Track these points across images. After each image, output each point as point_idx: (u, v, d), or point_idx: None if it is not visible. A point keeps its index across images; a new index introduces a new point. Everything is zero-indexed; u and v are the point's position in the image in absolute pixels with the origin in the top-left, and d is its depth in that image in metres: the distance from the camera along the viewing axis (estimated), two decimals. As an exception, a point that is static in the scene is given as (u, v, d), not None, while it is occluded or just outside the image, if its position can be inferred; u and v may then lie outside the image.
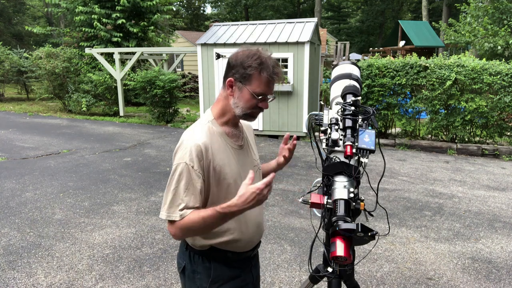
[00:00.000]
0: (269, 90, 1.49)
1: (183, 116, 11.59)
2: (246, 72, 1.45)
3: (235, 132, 1.59)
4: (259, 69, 1.45)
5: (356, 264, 3.36)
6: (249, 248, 1.64)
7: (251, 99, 1.47)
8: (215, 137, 1.51)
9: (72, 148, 7.66)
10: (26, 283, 3.09)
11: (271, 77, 1.47)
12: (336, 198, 1.40)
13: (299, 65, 8.57)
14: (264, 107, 1.51)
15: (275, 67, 1.48)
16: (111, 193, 5.16)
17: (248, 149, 1.66)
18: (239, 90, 1.48)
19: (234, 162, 1.54)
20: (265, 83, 1.47)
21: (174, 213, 1.42)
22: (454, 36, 14.55)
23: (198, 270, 1.59)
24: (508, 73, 7.48)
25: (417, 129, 8.71)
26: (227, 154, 1.52)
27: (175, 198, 1.42)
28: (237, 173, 1.54)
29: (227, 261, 1.58)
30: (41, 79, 12.89)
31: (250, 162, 1.64)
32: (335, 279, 1.47)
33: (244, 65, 1.45)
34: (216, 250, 1.56)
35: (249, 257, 1.67)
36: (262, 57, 1.46)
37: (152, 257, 3.52)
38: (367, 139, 1.44)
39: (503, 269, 3.43)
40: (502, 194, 5.41)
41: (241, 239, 1.57)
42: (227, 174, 1.50)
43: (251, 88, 1.46)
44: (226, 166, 1.50)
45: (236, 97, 1.49)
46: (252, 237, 1.62)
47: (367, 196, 4.83)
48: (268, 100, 1.52)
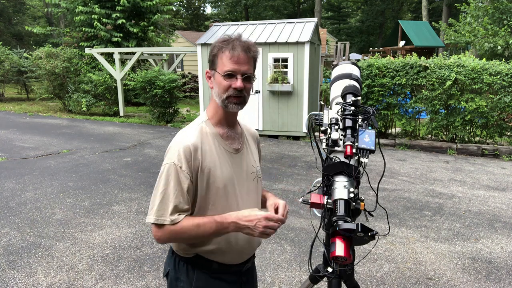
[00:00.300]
0: (237, 67, 1.39)
1: (183, 116, 11.59)
2: (213, 54, 1.44)
3: (231, 134, 1.52)
4: (221, 47, 1.41)
5: (356, 264, 3.36)
6: (238, 261, 1.54)
7: (221, 81, 1.41)
8: (207, 138, 1.46)
9: (72, 148, 7.66)
10: (26, 283, 3.09)
11: (235, 52, 1.39)
12: (336, 198, 1.40)
13: (299, 65, 8.57)
14: (236, 86, 1.39)
15: (242, 42, 1.41)
16: (111, 193, 5.16)
17: (247, 155, 1.57)
18: (213, 78, 1.45)
19: (226, 165, 1.47)
20: (229, 58, 1.39)
21: (163, 216, 1.37)
22: (454, 36, 14.55)
23: (181, 278, 1.52)
24: (508, 73, 7.48)
25: (417, 129, 8.71)
26: (218, 157, 1.45)
27: (164, 201, 1.37)
28: (228, 178, 1.46)
29: (212, 272, 1.50)
30: (41, 79, 12.90)
31: (247, 169, 1.55)
32: (335, 279, 1.47)
33: (211, 52, 1.45)
34: (201, 259, 1.49)
35: (239, 272, 1.57)
36: (227, 38, 1.42)
37: (152, 257, 3.52)
38: (367, 139, 1.44)
39: (503, 269, 3.43)
40: (502, 194, 5.41)
41: (228, 251, 1.49)
42: (217, 177, 1.43)
43: (219, 69, 1.42)
44: (216, 169, 1.43)
45: (214, 86, 1.45)
46: (241, 251, 1.53)
47: (367, 196, 4.83)
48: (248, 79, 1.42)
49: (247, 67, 1.41)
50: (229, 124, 1.52)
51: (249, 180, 1.55)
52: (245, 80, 1.42)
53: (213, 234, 1.40)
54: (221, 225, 1.38)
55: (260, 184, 1.62)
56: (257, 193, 1.59)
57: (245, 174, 1.54)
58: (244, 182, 1.53)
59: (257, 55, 1.46)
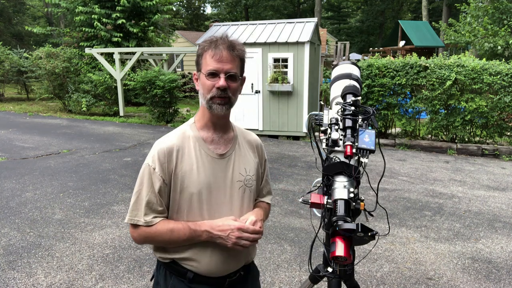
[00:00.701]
0: (219, 66, 1.35)
1: (183, 116, 11.59)
2: (197, 56, 1.43)
3: (216, 138, 1.47)
4: (204, 47, 1.39)
5: (356, 264, 3.36)
6: (216, 274, 1.44)
7: (205, 81, 1.37)
8: (187, 141, 1.43)
9: (72, 148, 7.66)
10: (26, 283, 3.09)
11: (217, 50, 1.35)
12: (336, 198, 1.40)
13: (299, 65, 8.57)
14: (218, 85, 1.35)
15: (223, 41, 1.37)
16: (111, 193, 5.16)
17: (235, 162, 1.49)
18: (199, 79, 1.43)
19: (204, 170, 1.41)
20: (212, 58, 1.36)
21: (136, 216, 1.38)
22: (454, 36, 14.54)
23: (160, 283, 1.50)
24: (508, 73, 7.48)
25: (417, 129, 8.71)
26: (197, 161, 1.41)
27: (137, 201, 1.38)
28: (204, 183, 1.41)
29: (189, 282, 1.43)
30: (41, 79, 12.90)
31: (233, 176, 1.47)
32: (335, 279, 1.46)
33: (197, 54, 1.44)
34: (177, 265, 1.45)
35: (221, 285, 1.47)
36: (212, 38, 1.39)
37: (152, 257, 3.52)
38: (367, 139, 1.44)
39: (503, 269, 3.43)
40: (502, 194, 5.41)
41: (203, 261, 1.42)
42: (191, 182, 1.39)
43: (203, 69, 1.39)
44: (192, 173, 1.39)
45: (200, 88, 1.43)
46: (217, 262, 1.43)
47: (367, 196, 4.83)
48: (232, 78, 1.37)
49: (230, 66, 1.36)
50: (216, 128, 1.47)
51: (232, 188, 1.47)
52: (229, 79, 1.37)
53: (186, 240, 1.38)
54: (194, 233, 1.37)
55: (248, 194, 1.52)
56: (242, 203, 1.49)
57: (229, 181, 1.46)
58: (226, 189, 1.46)
59: (243, 53, 1.42)
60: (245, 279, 1.56)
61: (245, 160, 1.53)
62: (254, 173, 1.55)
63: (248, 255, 1.55)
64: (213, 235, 1.37)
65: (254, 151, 1.59)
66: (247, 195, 1.51)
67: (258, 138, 1.65)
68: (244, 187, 1.50)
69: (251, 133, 1.64)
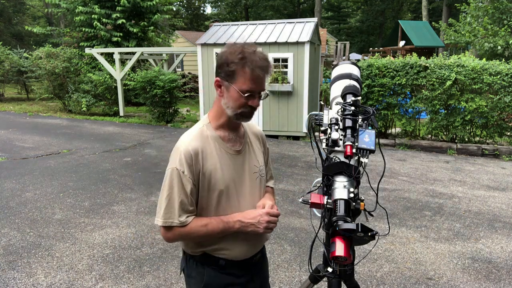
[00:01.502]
0: (256, 87, 1.41)
1: (183, 116, 11.59)
2: (229, 69, 1.40)
3: (232, 136, 1.54)
4: (241, 64, 1.38)
5: (356, 264, 3.35)
6: (244, 257, 1.57)
7: (238, 97, 1.41)
8: (207, 141, 1.48)
9: (72, 148, 7.66)
10: (26, 283, 3.10)
11: (255, 72, 1.38)
12: (336, 198, 1.40)
13: (299, 65, 8.57)
14: (254, 105, 1.43)
15: (261, 61, 1.40)
16: (111, 193, 5.16)
17: (249, 155, 1.59)
18: (226, 90, 1.43)
19: (227, 167, 1.50)
20: (250, 79, 1.39)
21: (170, 218, 1.43)
22: (454, 36, 14.54)
23: (192, 275, 1.58)
24: (508, 73, 7.48)
25: (417, 129, 8.71)
26: (219, 159, 1.48)
27: (170, 204, 1.43)
28: (230, 179, 1.50)
29: (221, 268, 1.54)
30: (41, 79, 12.90)
31: (249, 169, 1.58)
32: (335, 279, 1.46)
33: (228, 61, 1.40)
34: (209, 256, 1.54)
35: (249, 264, 1.60)
36: (245, 52, 1.39)
37: (152, 257, 3.52)
38: (367, 139, 1.44)
39: (503, 269, 3.43)
40: (502, 194, 5.41)
41: (234, 247, 1.53)
42: (218, 180, 1.47)
43: (236, 85, 1.40)
44: (217, 172, 1.47)
45: (225, 97, 1.44)
46: (247, 247, 1.57)
47: (367, 196, 4.83)
48: (260, 97, 1.46)
49: (264, 85, 1.44)
50: (231, 128, 1.54)
51: (252, 180, 1.58)
52: (259, 97, 1.46)
53: (220, 233, 1.47)
54: (227, 224, 1.46)
55: (263, 183, 1.65)
56: (260, 192, 1.62)
57: (247, 174, 1.56)
58: (246, 183, 1.56)
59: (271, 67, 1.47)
60: (262, 258, 1.71)
61: (256, 152, 1.64)
62: (263, 162, 1.68)
63: (266, 236, 1.68)
64: (245, 224, 1.47)
65: (260, 142, 1.69)
66: (262, 184, 1.64)
67: (260, 129, 1.75)
68: (259, 177, 1.61)
69: (254, 125, 1.72)
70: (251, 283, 1.62)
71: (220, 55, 1.45)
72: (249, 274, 1.61)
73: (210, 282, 1.54)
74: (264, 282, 1.74)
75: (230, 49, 1.42)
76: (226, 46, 1.46)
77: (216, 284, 1.55)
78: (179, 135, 1.57)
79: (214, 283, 1.55)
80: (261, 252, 1.68)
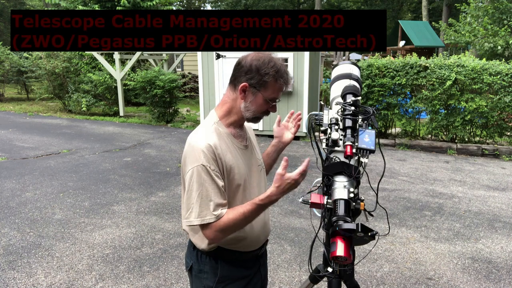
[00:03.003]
0: (279, 96, 1.54)
1: (183, 116, 11.58)
2: (263, 79, 1.47)
3: (240, 133, 1.61)
4: (276, 77, 1.48)
5: (356, 264, 3.35)
6: (256, 246, 1.64)
7: (264, 104, 1.51)
8: (222, 138, 1.52)
9: (72, 148, 7.66)
10: (26, 283, 3.09)
11: (284, 85, 1.51)
12: (336, 198, 1.40)
13: (299, 65, 8.57)
14: (273, 111, 1.56)
15: (286, 74, 1.52)
16: (111, 193, 5.16)
17: (252, 149, 1.67)
18: (252, 95, 1.50)
19: (242, 162, 1.56)
20: (279, 89, 1.51)
21: (207, 216, 1.41)
22: (454, 36, 14.54)
23: (205, 270, 1.60)
24: (508, 73, 7.47)
25: (417, 129, 8.71)
26: (234, 155, 1.53)
27: (203, 201, 1.41)
28: (245, 173, 1.56)
29: (235, 261, 1.60)
30: (41, 79, 12.89)
31: (255, 162, 1.65)
32: (335, 279, 1.47)
33: (261, 72, 1.47)
34: (223, 250, 1.57)
35: (257, 256, 1.68)
36: (277, 64, 1.49)
37: (152, 257, 3.52)
38: (367, 139, 1.44)
39: (503, 269, 3.43)
40: (502, 194, 5.41)
41: (247, 237, 1.58)
42: (236, 175, 1.51)
43: (265, 94, 1.49)
44: (234, 167, 1.51)
45: (249, 102, 1.51)
46: (259, 236, 1.63)
47: (367, 196, 4.83)
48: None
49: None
50: (239, 125, 1.61)
51: (257, 172, 1.65)
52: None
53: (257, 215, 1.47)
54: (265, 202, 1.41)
55: (264, 173, 1.74)
56: (264, 183, 1.70)
57: (255, 167, 1.64)
58: (255, 175, 1.63)
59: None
60: (265, 250, 1.78)
61: (255, 145, 1.72)
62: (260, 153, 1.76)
63: (270, 225, 1.76)
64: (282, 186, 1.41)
65: (253, 134, 1.77)
66: (264, 174, 1.74)
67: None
68: (262, 168, 1.71)
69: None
70: (258, 274, 1.70)
71: (249, 61, 1.49)
72: (256, 266, 1.69)
73: (225, 275, 1.59)
74: (266, 276, 1.81)
75: (262, 59, 1.48)
76: (252, 54, 1.52)
77: (229, 277, 1.59)
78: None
79: (228, 276, 1.59)
80: (265, 244, 1.75)
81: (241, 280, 1.61)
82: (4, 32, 26.68)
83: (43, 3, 28.66)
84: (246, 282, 1.63)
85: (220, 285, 1.58)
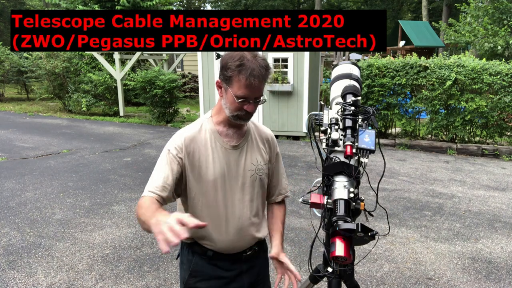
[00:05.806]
0: (250, 94, 1.43)
1: (183, 116, 11.59)
2: (227, 74, 1.44)
3: (231, 132, 1.57)
4: (237, 71, 1.40)
5: (356, 264, 3.35)
6: (231, 251, 1.59)
7: (233, 101, 1.45)
8: (204, 133, 1.55)
9: (72, 148, 7.66)
10: (26, 283, 3.09)
11: (250, 80, 1.40)
12: (336, 198, 1.40)
13: (299, 65, 8.57)
14: (249, 110, 1.46)
15: (258, 69, 1.40)
16: (111, 193, 5.16)
17: (248, 153, 1.60)
18: (225, 92, 1.49)
19: (219, 160, 1.54)
20: (244, 86, 1.41)
21: (145, 191, 1.47)
22: (454, 36, 14.53)
23: (184, 261, 1.64)
24: (508, 73, 7.47)
25: (417, 129, 8.71)
26: (212, 152, 1.53)
27: (150, 180, 1.49)
28: (220, 172, 1.53)
29: (209, 259, 1.59)
30: (41, 79, 12.89)
31: (245, 166, 1.59)
32: (335, 279, 1.47)
33: (226, 66, 1.44)
34: (195, 244, 1.59)
35: (239, 260, 1.62)
36: (244, 58, 1.41)
37: (152, 257, 3.52)
38: (367, 139, 1.44)
39: (503, 269, 3.43)
40: (502, 194, 5.41)
41: (219, 241, 1.56)
42: (208, 170, 1.52)
43: (232, 90, 1.44)
44: (209, 163, 1.52)
45: (224, 98, 1.50)
46: (232, 241, 1.57)
47: (367, 196, 4.83)
48: (258, 103, 1.48)
49: (260, 92, 1.46)
50: (232, 125, 1.57)
51: (245, 177, 1.59)
52: (256, 103, 1.48)
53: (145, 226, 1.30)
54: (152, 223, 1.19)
55: (259, 181, 1.63)
56: (253, 189, 1.61)
57: (242, 170, 1.58)
58: (238, 178, 1.58)
59: (271, 73, 1.51)
60: (259, 253, 1.70)
61: (257, 152, 1.64)
62: (266, 163, 1.66)
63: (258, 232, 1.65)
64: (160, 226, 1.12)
65: (265, 144, 1.68)
66: (258, 182, 1.63)
67: (270, 132, 1.74)
68: (255, 175, 1.62)
69: (264, 128, 1.72)
70: (239, 280, 1.63)
71: (222, 57, 1.49)
72: (235, 270, 1.62)
73: (196, 270, 1.60)
74: (259, 281, 1.71)
75: (231, 54, 1.45)
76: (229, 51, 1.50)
77: (202, 273, 1.60)
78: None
79: (200, 272, 1.59)
80: (253, 249, 1.66)
81: (215, 280, 1.59)
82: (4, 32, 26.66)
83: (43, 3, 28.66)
84: (222, 284, 1.60)
85: (192, 279, 1.60)
